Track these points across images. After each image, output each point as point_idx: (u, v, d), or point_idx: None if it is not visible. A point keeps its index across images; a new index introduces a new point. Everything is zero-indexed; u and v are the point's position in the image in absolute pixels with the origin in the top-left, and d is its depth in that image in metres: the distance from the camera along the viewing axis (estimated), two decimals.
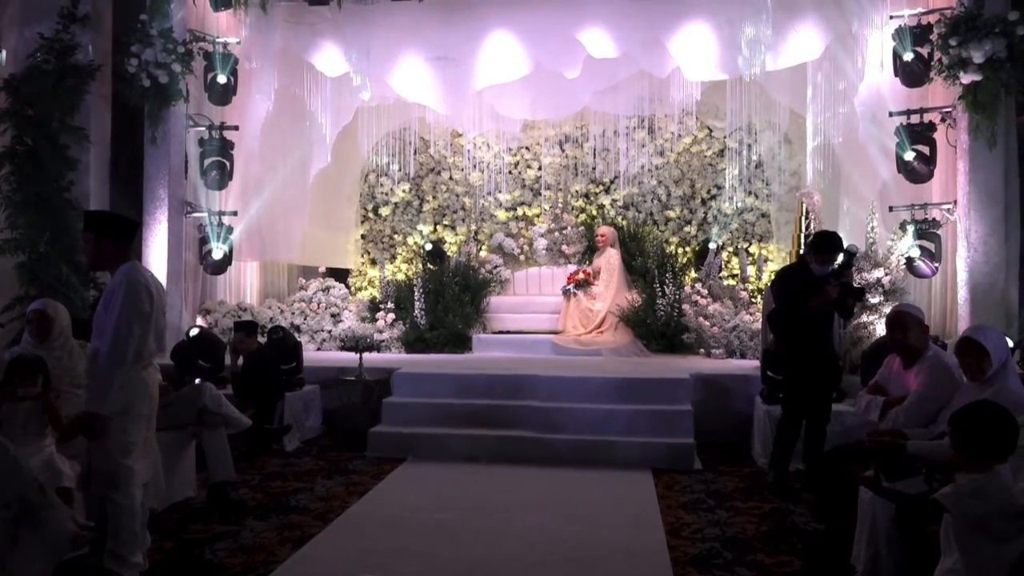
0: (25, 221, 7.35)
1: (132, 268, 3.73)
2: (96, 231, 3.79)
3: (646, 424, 6.41)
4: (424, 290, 9.26)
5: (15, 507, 3.43)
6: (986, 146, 6.82)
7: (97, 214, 4.02)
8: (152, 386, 3.82)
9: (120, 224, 3.89)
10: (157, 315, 3.79)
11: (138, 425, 3.71)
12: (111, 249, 3.76)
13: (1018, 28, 6.58)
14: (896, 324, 4.16)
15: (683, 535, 4.56)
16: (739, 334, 8.40)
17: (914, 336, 4.08)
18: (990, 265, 6.90)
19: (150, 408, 3.82)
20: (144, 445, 3.80)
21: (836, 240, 5.31)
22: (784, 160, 10.04)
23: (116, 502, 3.61)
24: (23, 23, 7.66)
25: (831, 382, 5.44)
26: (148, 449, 3.88)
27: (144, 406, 3.75)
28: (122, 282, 3.65)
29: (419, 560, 4.20)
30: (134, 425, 3.69)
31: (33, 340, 4.55)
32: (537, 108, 10.12)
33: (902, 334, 4.11)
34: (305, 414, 7.16)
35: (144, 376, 3.75)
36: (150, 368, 3.83)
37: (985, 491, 2.58)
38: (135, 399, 3.69)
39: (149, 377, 3.80)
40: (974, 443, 2.66)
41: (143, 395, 3.74)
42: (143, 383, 3.74)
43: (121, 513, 3.60)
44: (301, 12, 8.59)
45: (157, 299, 3.77)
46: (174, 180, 8.18)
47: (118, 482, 3.61)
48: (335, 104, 9.31)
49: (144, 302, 3.64)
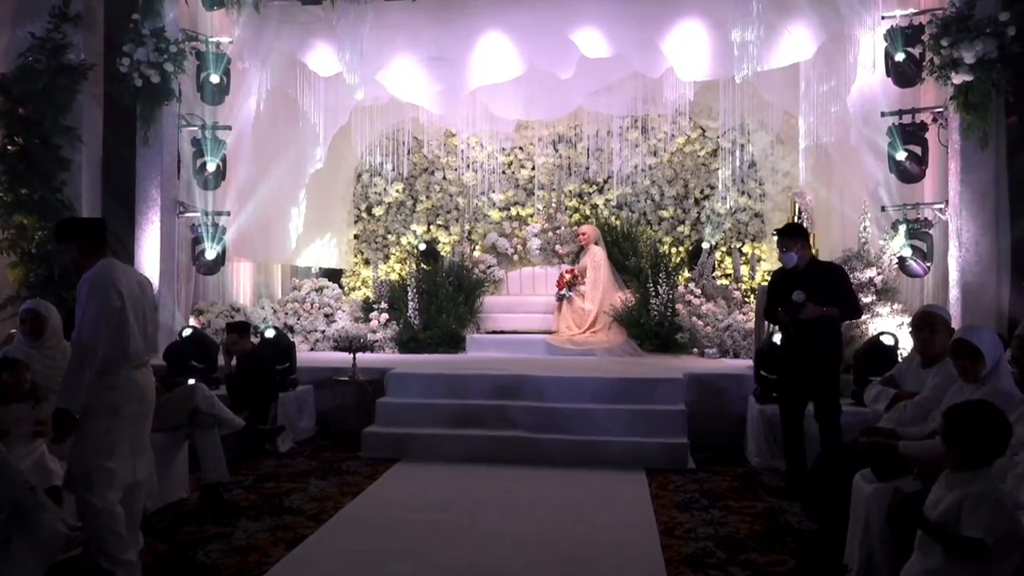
0: (17, 221, 7.33)
1: (99, 267, 3.66)
2: (62, 240, 3.80)
3: (640, 424, 6.41)
4: (418, 290, 9.25)
5: (7, 509, 3.41)
6: (977, 146, 6.85)
7: (58, 224, 3.98)
8: (144, 386, 3.79)
9: (80, 228, 3.86)
10: (141, 313, 3.74)
11: (125, 426, 3.67)
12: (78, 253, 3.74)
13: (1009, 29, 6.61)
14: (925, 324, 4.14)
15: (677, 534, 4.57)
16: (732, 334, 8.42)
17: (940, 339, 4.04)
18: (981, 264, 6.92)
19: (142, 409, 3.78)
20: (137, 446, 3.78)
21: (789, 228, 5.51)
22: (777, 160, 10.06)
23: (90, 504, 3.56)
24: (14, 22, 7.64)
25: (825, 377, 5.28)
26: (142, 449, 3.85)
27: (134, 407, 3.71)
28: (84, 282, 3.61)
29: (413, 561, 4.19)
30: (120, 426, 3.65)
31: (27, 340, 4.55)
32: (531, 108, 10.12)
33: (930, 335, 4.09)
34: (298, 415, 7.15)
35: (135, 376, 3.72)
36: (143, 369, 3.80)
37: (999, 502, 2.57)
38: (123, 400, 3.66)
39: (141, 377, 3.77)
40: (966, 442, 2.66)
41: (132, 396, 3.70)
42: (134, 383, 3.70)
43: (97, 515, 3.56)
44: (294, 11, 8.57)
45: (136, 297, 3.72)
46: (166, 180, 8.15)
47: (92, 483, 3.56)
48: (329, 104, 9.28)
49: (110, 300, 3.57)
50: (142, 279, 4.00)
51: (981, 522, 2.53)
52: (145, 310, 3.81)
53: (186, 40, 8.15)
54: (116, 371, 3.65)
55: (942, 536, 2.62)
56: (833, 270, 5.52)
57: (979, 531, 2.52)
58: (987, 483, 2.61)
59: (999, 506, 2.56)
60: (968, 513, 2.56)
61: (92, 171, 7.94)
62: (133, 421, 3.73)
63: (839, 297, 5.25)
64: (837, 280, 5.35)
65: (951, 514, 2.60)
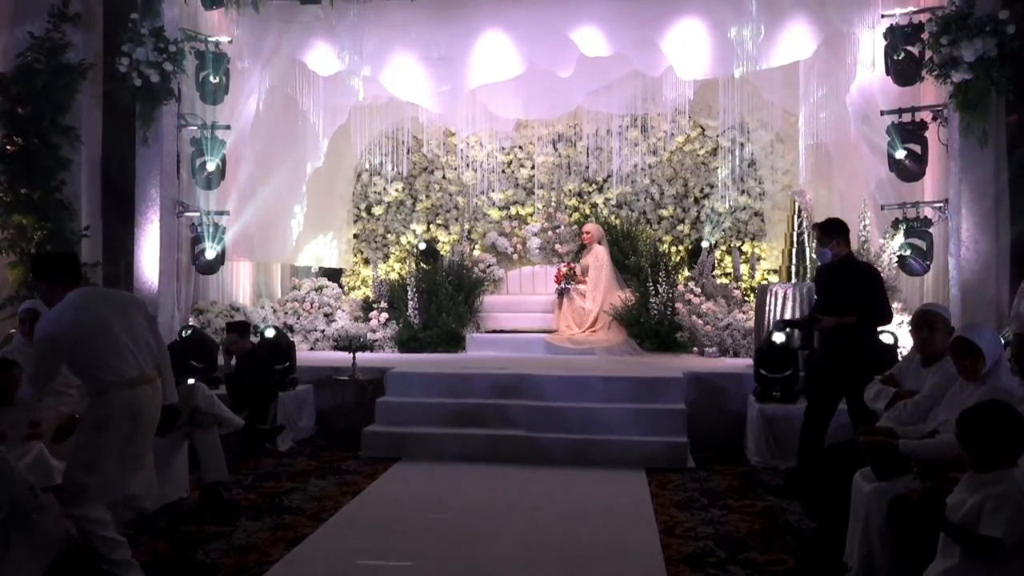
0: (16, 221, 7.32)
1: (48, 318, 3.75)
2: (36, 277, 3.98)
3: (640, 423, 6.42)
4: (417, 289, 9.24)
5: (6, 509, 3.41)
6: (977, 145, 6.84)
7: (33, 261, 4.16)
8: (139, 403, 3.74)
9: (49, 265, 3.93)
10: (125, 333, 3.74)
11: (113, 442, 3.67)
12: (48, 289, 3.83)
13: (1008, 27, 6.60)
14: (924, 324, 4.10)
15: (676, 534, 4.57)
16: (732, 333, 8.42)
17: (940, 338, 4.01)
18: (981, 263, 6.92)
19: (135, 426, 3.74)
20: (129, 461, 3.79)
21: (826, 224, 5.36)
22: (776, 159, 10.06)
23: (74, 515, 3.60)
24: (13, 22, 7.62)
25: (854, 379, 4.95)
26: (137, 465, 3.86)
27: (124, 423, 3.69)
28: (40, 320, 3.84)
29: (413, 560, 4.20)
30: (109, 443, 3.66)
31: (26, 339, 4.56)
32: (530, 107, 10.11)
33: (930, 334, 4.06)
34: (298, 414, 7.15)
35: (129, 395, 3.69)
36: (144, 386, 3.77)
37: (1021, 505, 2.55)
38: (114, 416, 3.66)
39: (137, 395, 3.73)
40: (985, 444, 2.65)
41: (123, 413, 3.68)
42: (126, 401, 3.69)
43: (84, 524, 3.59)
44: (293, 11, 8.56)
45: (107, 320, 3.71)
46: (166, 180, 8.14)
47: (76, 498, 3.59)
48: (328, 103, 9.28)
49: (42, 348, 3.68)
50: (124, 299, 4.02)
51: (1001, 522, 2.52)
52: (128, 330, 3.77)
53: (185, 40, 8.13)
54: (103, 391, 3.67)
55: (961, 536, 2.61)
56: (865, 272, 5.28)
57: (998, 530, 2.52)
58: (1011, 484, 2.58)
59: (1021, 508, 2.54)
60: (989, 513, 2.55)
61: (91, 171, 7.93)
62: (123, 438, 3.71)
63: (865, 300, 5.04)
64: (867, 283, 5.12)
65: (972, 515, 2.59)
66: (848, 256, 5.30)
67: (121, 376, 3.68)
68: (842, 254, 5.24)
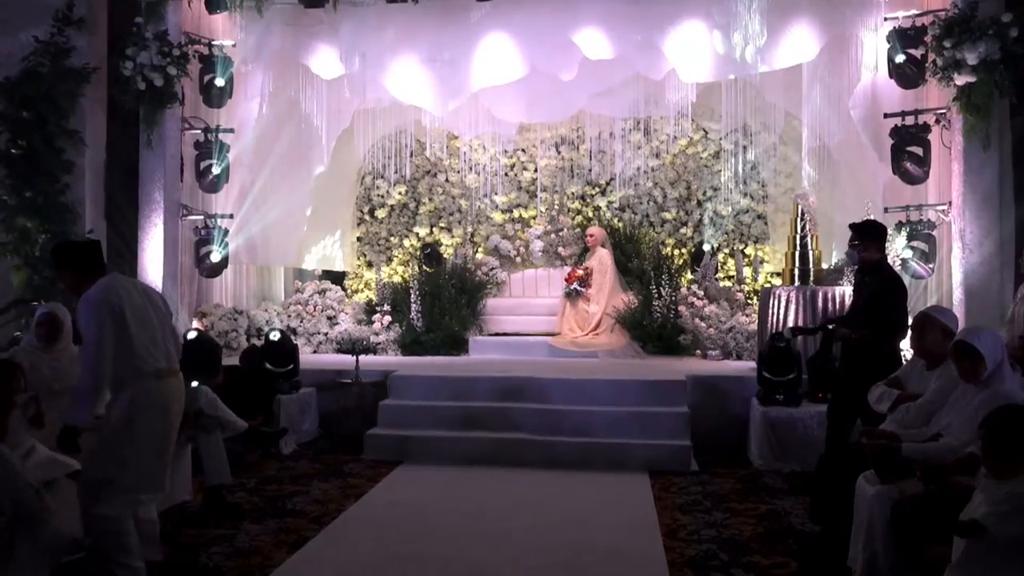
0: (20, 225, 7.34)
1: (97, 286, 3.64)
2: (58, 267, 3.84)
3: (642, 426, 6.41)
4: (420, 292, 9.25)
5: (9, 511, 3.41)
6: (980, 147, 6.84)
7: (53, 250, 3.98)
8: (167, 397, 3.75)
9: (74, 252, 3.84)
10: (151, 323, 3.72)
11: (140, 439, 3.65)
12: (74, 278, 3.74)
13: (1011, 30, 6.59)
14: (915, 324, 4.16)
15: (679, 537, 4.57)
16: (735, 335, 8.41)
17: (929, 341, 4.03)
18: (985, 266, 6.92)
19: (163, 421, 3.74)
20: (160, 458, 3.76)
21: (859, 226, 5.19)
22: (779, 162, 10.05)
23: (93, 515, 3.57)
24: (18, 26, 7.64)
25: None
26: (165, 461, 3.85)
27: (151, 419, 3.68)
28: (82, 302, 3.61)
29: (416, 563, 4.20)
30: (134, 440, 3.63)
31: (41, 343, 4.57)
32: (533, 110, 10.11)
33: (916, 336, 4.11)
34: (301, 417, 7.16)
35: (156, 387, 3.68)
36: (169, 379, 3.76)
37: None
38: (139, 413, 3.64)
39: (164, 388, 3.72)
40: (1007, 447, 2.65)
41: (150, 408, 3.67)
42: (152, 395, 3.67)
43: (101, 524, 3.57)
44: (296, 14, 8.57)
45: (141, 308, 3.69)
46: (169, 183, 8.16)
47: (99, 496, 3.56)
48: (331, 107, 9.29)
49: (100, 316, 3.54)
50: (149, 289, 4.00)
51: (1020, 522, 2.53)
52: (157, 319, 3.78)
53: (189, 43, 8.15)
54: (131, 384, 3.63)
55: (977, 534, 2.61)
56: (883, 282, 5.00)
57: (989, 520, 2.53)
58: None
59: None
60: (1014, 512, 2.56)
61: (95, 174, 7.95)
62: (151, 434, 3.69)
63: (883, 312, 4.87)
64: (883, 294, 4.93)
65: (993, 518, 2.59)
66: (879, 262, 5.08)
67: (152, 365, 3.67)
68: (872, 259, 5.03)
